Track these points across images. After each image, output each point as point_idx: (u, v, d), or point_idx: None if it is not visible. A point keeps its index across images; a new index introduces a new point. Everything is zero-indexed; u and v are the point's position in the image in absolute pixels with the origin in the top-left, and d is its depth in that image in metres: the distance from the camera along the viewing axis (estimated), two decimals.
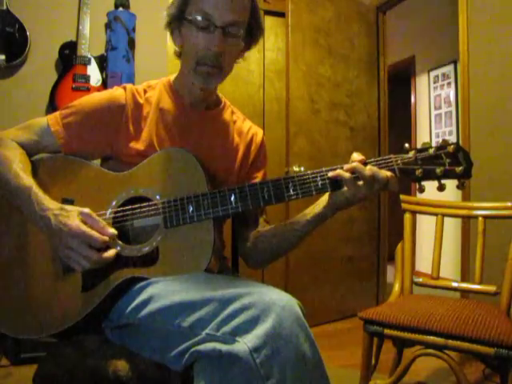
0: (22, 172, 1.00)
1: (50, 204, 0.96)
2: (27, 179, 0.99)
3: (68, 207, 0.96)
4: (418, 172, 0.95)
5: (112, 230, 0.95)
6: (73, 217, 0.93)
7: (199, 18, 1.00)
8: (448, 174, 0.94)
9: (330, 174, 0.97)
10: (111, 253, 0.94)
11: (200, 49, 1.02)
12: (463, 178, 0.95)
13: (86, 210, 0.96)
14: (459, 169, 0.94)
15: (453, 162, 0.94)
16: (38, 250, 1.01)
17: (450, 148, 0.95)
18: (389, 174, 0.94)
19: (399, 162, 0.95)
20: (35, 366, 0.96)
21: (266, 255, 1.15)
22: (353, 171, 0.95)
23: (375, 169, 0.94)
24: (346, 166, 0.96)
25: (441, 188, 0.96)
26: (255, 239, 1.15)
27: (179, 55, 1.13)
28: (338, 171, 0.96)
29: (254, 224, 1.19)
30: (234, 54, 1.07)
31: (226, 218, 1.20)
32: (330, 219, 1.05)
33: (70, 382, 0.91)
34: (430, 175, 0.95)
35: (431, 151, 0.96)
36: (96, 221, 0.95)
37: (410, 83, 4.64)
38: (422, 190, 0.97)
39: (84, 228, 0.92)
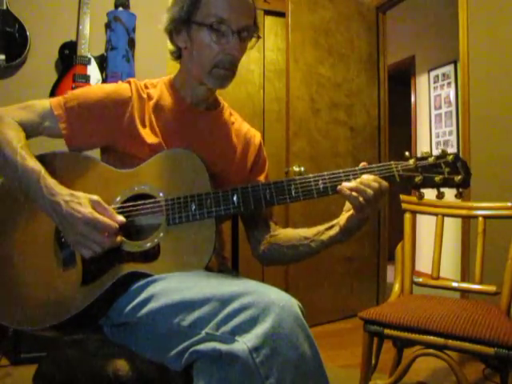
0: (28, 156, 1.00)
1: (60, 189, 0.96)
2: (35, 163, 0.99)
3: (77, 193, 0.96)
4: (418, 179, 0.97)
5: (121, 218, 0.97)
6: (84, 203, 0.94)
7: (215, 22, 1.02)
8: (447, 183, 0.97)
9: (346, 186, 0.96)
10: (120, 238, 0.97)
11: (217, 53, 1.05)
12: (461, 187, 0.98)
13: (95, 197, 0.97)
14: (458, 178, 0.97)
15: (452, 171, 0.97)
16: (39, 243, 1.01)
17: (450, 157, 0.98)
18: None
19: (399, 168, 0.97)
20: (35, 366, 0.96)
21: (281, 261, 1.19)
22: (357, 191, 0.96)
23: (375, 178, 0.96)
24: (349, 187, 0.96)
25: (439, 196, 0.98)
26: (270, 245, 1.17)
27: (178, 56, 1.14)
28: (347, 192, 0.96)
29: (265, 227, 1.20)
30: (242, 56, 1.10)
31: (228, 218, 1.21)
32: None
33: (69, 381, 0.92)
34: (429, 183, 0.97)
35: (431, 160, 0.98)
36: (105, 208, 0.96)
37: (410, 83, 4.64)
38: (421, 197, 0.99)
39: (96, 215, 0.94)
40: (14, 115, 1.06)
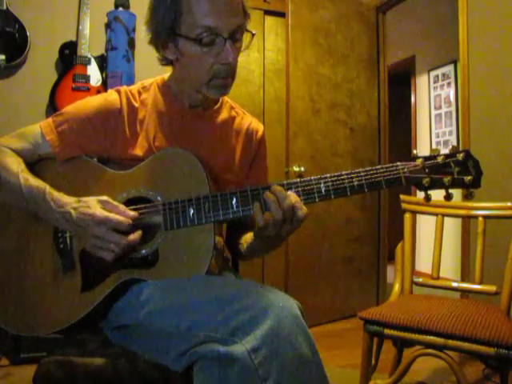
0: (30, 176, 1.00)
1: (67, 199, 0.96)
2: (38, 181, 0.99)
3: (85, 198, 0.96)
4: (425, 181, 0.92)
5: (133, 212, 0.96)
6: (93, 205, 0.94)
7: (203, 33, 0.94)
8: (456, 184, 0.91)
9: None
10: (137, 235, 0.94)
11: (212, 64, 0.98)
12: (471, 188, 0.92)
13: (104, 197, 0.96)
14: (468, 178, 0.91)
15: (461, 170, 0.91)
16: (39, 251, 1.01)
17: (460, 156, 0.91)
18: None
19: (405, 170, 0.92)
20: (35, 366, 0.96)
21: (246, 258, 1.20)
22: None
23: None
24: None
25: (448, 197, 0.93)
26: (238, 243, 1.18)
27: (168, 63, 1.09)
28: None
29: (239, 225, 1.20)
30: (238, 56, 1.03)
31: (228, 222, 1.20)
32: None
33: (70, 382, 0.92)
34: (437, 184, 0.92)
35: (440, 159, 0.92)
36: (115, 206, 0.95)
37: (410, 83, 4.63)
38: (428, 199, 0.94)
39: (107, 213, 0.93)
40: (8, 144, 1.05)
